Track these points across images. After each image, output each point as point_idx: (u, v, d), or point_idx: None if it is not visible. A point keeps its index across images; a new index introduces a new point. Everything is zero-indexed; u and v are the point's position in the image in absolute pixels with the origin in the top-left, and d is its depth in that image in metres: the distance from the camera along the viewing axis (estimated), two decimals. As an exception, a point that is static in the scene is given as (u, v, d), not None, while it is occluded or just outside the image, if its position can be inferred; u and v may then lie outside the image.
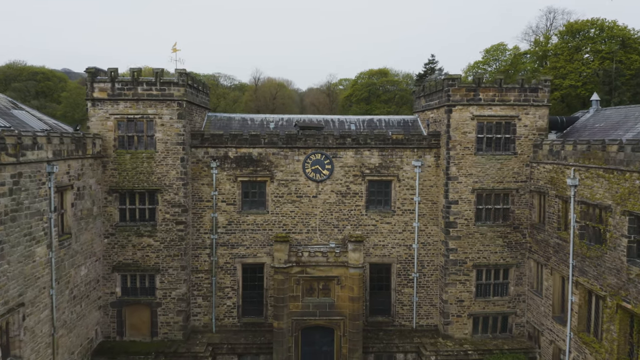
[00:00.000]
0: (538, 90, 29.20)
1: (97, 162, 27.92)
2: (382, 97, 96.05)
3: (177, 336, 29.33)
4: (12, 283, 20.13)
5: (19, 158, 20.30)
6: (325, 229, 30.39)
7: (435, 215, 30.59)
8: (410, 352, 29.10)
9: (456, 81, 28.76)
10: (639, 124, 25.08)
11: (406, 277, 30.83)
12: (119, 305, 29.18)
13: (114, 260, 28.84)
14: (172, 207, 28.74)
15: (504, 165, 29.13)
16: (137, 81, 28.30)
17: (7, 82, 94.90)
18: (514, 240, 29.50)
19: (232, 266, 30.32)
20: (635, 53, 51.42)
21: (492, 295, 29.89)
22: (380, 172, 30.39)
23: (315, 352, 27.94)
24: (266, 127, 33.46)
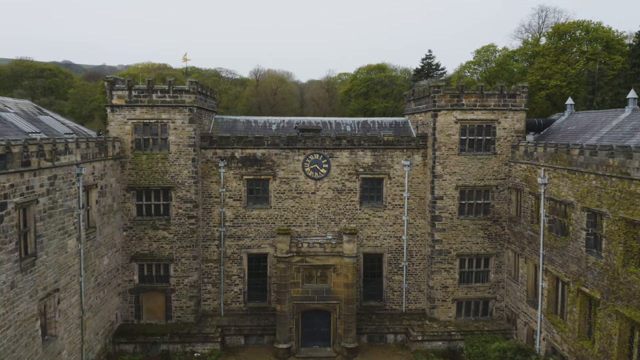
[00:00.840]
0: (516, 96, 32.02)
1: (116, 162, 30.91)
2: (380, 92, 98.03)
3: (189, 319, 32.49)
4: (50, 271, 23.22)
5: (54, 162, 23.30)
6: (323, 222, 33.43)
7: (422, 209, 33.61)
8: (399, 333, 32.28)
9: (441, 88, 31.62)
10: (604, 128, 27.98)
11: (396, 266, 33.94)
12: (136, 292, 32.31)
13: (132, 251, 31.93)
14: (184, 202, 31.76)
15: (485, 164, 32.08)
16: (152, 89, 31.18)
17: (16, 79, 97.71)
18: (493, 232, 32.54)
19: (239, 256, 33.42)
20: (618, 54, 54.11)
21: (474, 282, 32.98)
22: (372, 170, 33.36)
23: (314, 333, 31.08)
24: (269, 129, 36.37)
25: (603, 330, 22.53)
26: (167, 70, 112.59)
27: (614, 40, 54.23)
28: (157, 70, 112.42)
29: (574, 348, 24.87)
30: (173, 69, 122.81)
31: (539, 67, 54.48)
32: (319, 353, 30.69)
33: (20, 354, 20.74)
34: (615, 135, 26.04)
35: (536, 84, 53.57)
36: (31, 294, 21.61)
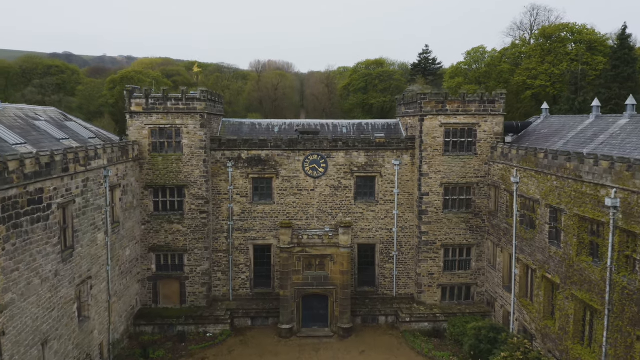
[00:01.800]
0: (495, 101, 35.39)
1: (135, 163, 34.44)
2: (378, 87, 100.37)
3: (202, 303, 36.23)
4: (84, 261, 26.87)
5: (86, 167, 26.86)
6: (321, 216, 37.02)
7: (411, 204, 37.17)
8: (390, 315, 36.03)
9: (427, 95, 35.03)
10: (570, 132, 31.42)
11: (387, 255, 37.58)
12: (154, 279, 36.02)
13: (150, 242, 35.57)
14: (197, 199, 35.34)
15: (467, 163, 35.58)
16: (167, 97, 34.59)
17: (26, 77, 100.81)
18: (475, 225, 36.12)
19: (245, 247, 37.07)
20: (600, 55, 57.30)
21: (457, 269, 36.65)
22: (366, 169, 36.87)
23: (313, 315, 34.81)
24: (271, 131, 39.82)
25: (562, 311, 26.18)
26: (172, 66, 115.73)
27: (597, 42, 57.34)
28: (161, 66, 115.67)
29: (539, 327, 28.56)
30: (176, 65, 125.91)
31: (525, 68, 57.71)
32: (317, 333, 34.44)
33: (62, 332, 24.45)
34: (578, 140, 29.50)
35: (522, 84, 56.86)
36: (70, 280, 25.27)
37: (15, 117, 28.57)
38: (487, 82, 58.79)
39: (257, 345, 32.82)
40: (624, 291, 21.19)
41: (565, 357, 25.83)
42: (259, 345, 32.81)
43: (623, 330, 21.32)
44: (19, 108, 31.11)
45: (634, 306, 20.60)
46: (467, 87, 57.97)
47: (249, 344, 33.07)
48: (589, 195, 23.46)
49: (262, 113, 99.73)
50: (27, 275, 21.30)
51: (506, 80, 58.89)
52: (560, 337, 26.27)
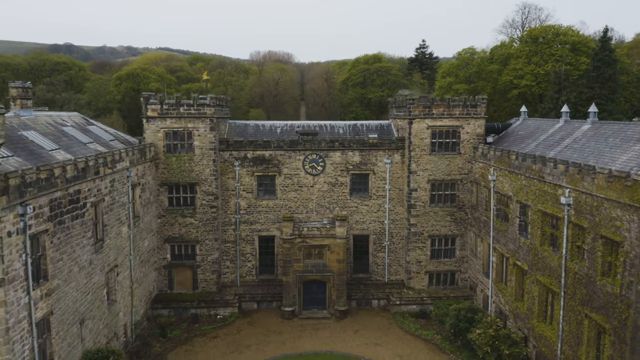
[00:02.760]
0: (477, 106, 38.93)
1: (152, 163, 38.14)
2: (376, 82, 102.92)
3: (212, 289, 40.14)
4: (111, 252, 30.70)
5: (113, 169, 30.58)
6: (320, 210, 40.78)
7: (401, 199, 40.89)
8: (382, 299, 39.95)
9: (415, 100, 38.57)
10: (542, 135, 35.03)
11: (380, 245, 41.41)
12: (169, 267, 39.90)
13: (165, 234, 39.39)
14: (207, 195, 39.09)
15: (451, 162, 39.24)
16: (179, 103, 38.18)
17: (34, 73, 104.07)
18: (458, 217, 39.89)
19: (251, 238, 40.89)
20: (584, 55, 60.58)
21: (443, 257, 40.49)
22: (360, 167, 40.55)
23: (313, 299, 38.70)
24: (274, 132, 43.42)
25: (529, 293, 30.03)
26: (175, 62, 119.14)
27: (580, 43, 60.60)
28: (165, 62, 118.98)
29: (512, 308, 32.45)
30: (179, 60, 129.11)
31: (512, 68, 61.06)
32: (316, 314, 38.37)
33: (95, 313, 28.36)
34: (548, 142, 33.13)
35: (510, 83, 60.25)
36: (101, 268, 29.13)
37: (46, 124, 32.24)
38: (477, 82, 62.10)
39: (263, 326, 36.78)
40: (575, 276, 25.01)
41: (531, 334, 29.74)
42: (264, 326, 36.78)
43: (575, 309, 25.17)
44: (48, 115, 34.75)
45: (583, 288, 24.42)
46: (457, 86, 61.34)
47: (256, 325, 37.03)
48: (549, 194, 27.19)
49: (263, 108, 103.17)
50: (68, 264, 25.13)
51: (494, 80, 62.21)
52: (528, 317, 30.16)
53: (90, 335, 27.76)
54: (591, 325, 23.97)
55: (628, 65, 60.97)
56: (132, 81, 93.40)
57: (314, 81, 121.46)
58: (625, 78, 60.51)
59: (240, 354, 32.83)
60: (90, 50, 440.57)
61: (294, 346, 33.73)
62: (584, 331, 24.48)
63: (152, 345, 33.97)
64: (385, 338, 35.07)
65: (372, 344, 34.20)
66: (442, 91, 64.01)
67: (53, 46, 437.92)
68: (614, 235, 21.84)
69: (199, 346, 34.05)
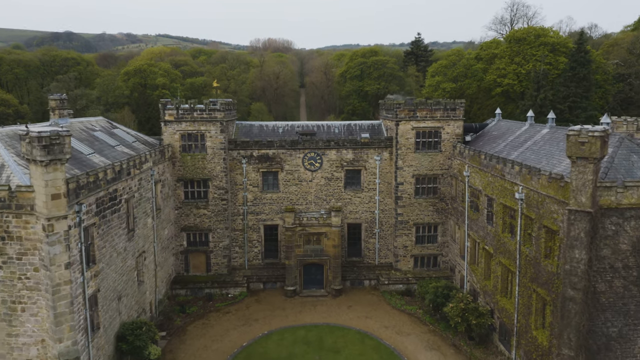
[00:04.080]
0: (456, 109, 43.98)
1: (170, 162, 43.37)
2: (373, 75, 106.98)
3: (223, 271, 45.65)
4: (140, 240, 36.09)
5: (140, 169, 35.83)
6: (318, 202, 46.09)
7: (389, 191, 46.18)
8: (372, 279, 45.47)
9: (401, 105, 43.62)
10: (510, 136, 40.16)
11: (371, 232, 46.83)
12: (185, 253, 45.35)
13: (182, 224, 44.77)
14: (218, 189, 44.37)
15: (434, 159, 44.42)
16: (193, 109, 43.25)
17: (45, 68, 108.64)
18: (440, 207, 45.21)
19: (257, 227, 46.28)
20: (562, 56, 65.34)
21: (427, 243, 45.90)
22: (353, 164, 45.76)
23: (312, 280, 44.20)
24: (276, 132, 48.51)
25: (494, 273, 35.47)
26: (179, 57, 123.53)
27: (559, 44, 65.30)
28: (169, 56, 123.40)
29: (481, 285, 37.93)
30: (184, 54, 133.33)
31: (496, 68, 65.88)
32: (315, 293, 43.94)
33: (128, 291, 33.82)
34: (514, 143, 38.29)
35: (493, 82, 65.11)
36: (132, 254, 34.55)
37: (80, 130, 37.44)
38: (463, 80, 66.91)
39: (268, 303, 42.36)
40: (526, 258, 30.41)
41: (496, 307, 35.24)
42: (270, 303, 42.35)
43: (526, 285, 30.61)
44: (80, 121, 39.92)
45: (532, 268, 29.82)
46: (445, 85, 66.21)
47: (262, 302, 42.61)
48: (508, 189, 32.47)
49: (264, 101, 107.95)
50: (109, 250, 30.53)
51: (480, 79, 67.03)
52: (494, 292, 35.64)
53: (125, 310, 33.28)
54: (538, 298, 29.40)
55: (604, 65, 65.71)
56: (140, 76, 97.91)
57: (314, 74, 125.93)
58: (601, 77, 65.31)
59: (250, 326, 38.43)
60: (90, 37, 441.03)
61: (295, 319, 39.34)
62: (532, 303, 29.94)
63: (173, 320, 39.62)
64: (374, 312, 40.64)
65: (363, 317, 39.78)
66: (431, 89, 68.87)
67: (53, 34, 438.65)
68: (552, 225, 27.16)
69: (214, 320, 39.67)
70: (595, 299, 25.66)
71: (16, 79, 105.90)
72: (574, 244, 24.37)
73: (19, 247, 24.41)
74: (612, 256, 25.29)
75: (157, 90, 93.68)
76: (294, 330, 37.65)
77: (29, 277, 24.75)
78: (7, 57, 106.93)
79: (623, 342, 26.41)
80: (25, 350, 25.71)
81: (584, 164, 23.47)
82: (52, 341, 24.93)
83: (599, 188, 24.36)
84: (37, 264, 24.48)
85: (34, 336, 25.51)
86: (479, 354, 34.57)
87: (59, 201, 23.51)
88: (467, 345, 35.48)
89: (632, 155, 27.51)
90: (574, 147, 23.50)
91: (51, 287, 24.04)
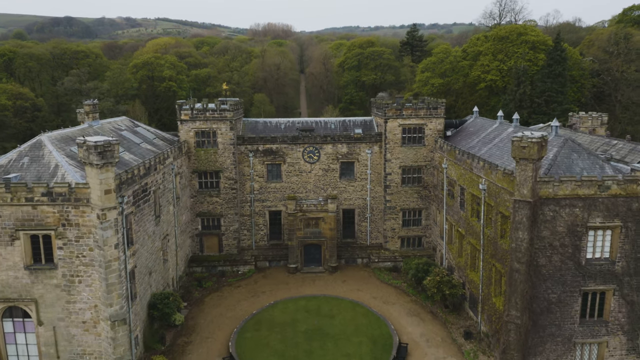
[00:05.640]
0: (438, 108, 49.83)
1: (186, 156, 49.44)
2: (370, 65, 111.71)
3: (234, 251, 52.05)
4: (164, 225, 42.39)
5: (164, 164, 41.95)
6: (316, 190, 52.25)
7: (379, 181, 52.31)
8: (364, 258, 51.92)
9: (389, 104, 49.47)
10: (483, 133, 46.11)
11: (363, 217, 53.11)
12: (200, 235, 51.71)
13: (197, 210, 51.05)
14: (228, 180, 50.52)
15: (418, 152, 50.45)
16: (206, 109, 49.14)
17: (56, 61, 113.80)
18: (423, 195, 51.41)
19: (263, 212, 52.56)
20: (542, 53, 70.77)
21: (412, 225, 52.19)
22: (347, 156, 51.81)
23: (311, 258, 50.62)
24: (279, 127, 54.43)
25: (465, 251, 41.79)
26: (183, 48, 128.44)
27: (539, 42, 70.70)
28: (174, 47, 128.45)
29: (456, 262, 44.31)
30: (187, 45, 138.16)
31: (481, 64, 71.40)
32: (314, 270, 50.40)
33: (156, 268, 40.22)
34: (485, 140, 44.27)
35: (478, 77, 70.70)
36: (159, 237, 40.87)
37: (110, 131, 43.47)
38: (451, 76, 72.47)
39: (274, 278, 48.85)
40: (488, 238, 36.69)
41: (466, 280, 41.62)
42: (275, 278, 48.85)
43: (488, 261, 36.93)
44: (108, 122, 45.91)
45: (492, 247, 36.11)
46: (433, 80, 71.80)
47: (268, 278, 49.11)
48: (475, 181, 38.60)
49: (266, 91, 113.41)
50: (142, 233, 36.82)
51: (465, 74, 72.58)
52: (464, 268, 42.02)
53: (154, 284, 39.73)
54: (496, 271, 35.75)
55: (580, 62, 71.22)
56: (147, 69, 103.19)
57: (313, 65, 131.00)
58: (578, 72, 70.87)
59: (258, 297, 44.96)
60: (90, 22, 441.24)
61: (297, 291, 45.86)
62: (492, 275, 36.30)
63: (192, 293, 46.16)
64: (365, 286, 47.13)
65: (355, 290, 46.28)
66: (421, 84, 74.50)
67: (53, 19, 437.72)
68: (505, 211, 33.36)
69: (227, 292, 46.22)
70: (537, 271, 31.98)
71: (29, 72, 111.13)
72: (518, 226, 30.61)
73: (77, 232, 30.70)
74: (550, 236, 31.53)
75: (165, 82, 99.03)
76: (295, 300, 44.15)
77: (84, 256, 31.09)
78: (20, 51, 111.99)
79: (562, 306, 32.82)
80: (81, 314, 32.19)
81: (525, 164, 29.56)
82: (104, 306, 31.37)
83: (539, 182, 30.48)
84: (91, 244, 30.78)
85: (88, 302, 31.96)
86: (452, 319, 41.09)
87: (110, 195, 29.72)
88: (443, 312, 42.00)
89: (573, 154, 33.57)
90: (517, 150, 29.56)
91: (104, 263, 30.40)
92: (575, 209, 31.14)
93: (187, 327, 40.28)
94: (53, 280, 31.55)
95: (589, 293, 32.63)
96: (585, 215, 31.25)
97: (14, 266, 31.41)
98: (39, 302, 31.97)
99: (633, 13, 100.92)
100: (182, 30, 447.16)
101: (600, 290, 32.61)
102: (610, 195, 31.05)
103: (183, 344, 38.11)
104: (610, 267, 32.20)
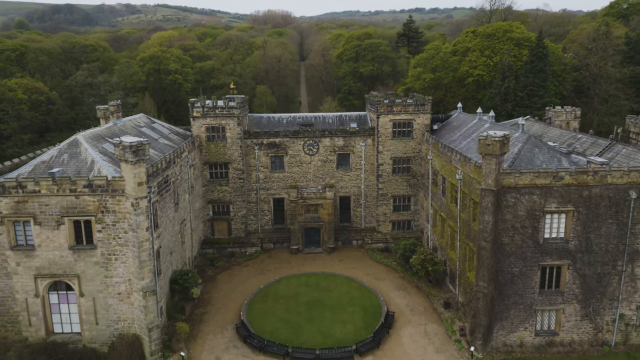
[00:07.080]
0: (425, 104, 55.22)
1: (198, 149, 55.04)
2: (367, 57, 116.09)
3: (242, 235, 57.93)
4: (182, 211, 48.17)
5: (181, 158, 47.59)
6: (315, 179, 57.92)
7: (372, 170, 57.93)
8: (359, 239, 57.82)
9: (381, 102, 54.86)
10: (464, 128, 51.57)
11: (358, 203, 58.86)
12: (211, 220, 57.55)
13: (208, 198, 56.80)
14: (236, 170, 56.18)
15: (407, 144, 55.99)
16: (215, 107, 54.60)
17: (66, 55, 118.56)
18: (412, 183, 57.08)
19: (268, 199, 58.32)
20: (526, 49, 75.75)
21: (402, 210, 57.96)
22: (343, 149, 57.36)
23: (311, 240, 56.47)
24: (281, 122, 59.89)
25: (446, 233, 47.58)
26: (187, 41, 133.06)
27: (523, 39, 75.66)
28: (178, 41, 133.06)
29: (439, 243, 50.15)
30: (191, 38, 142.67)
31: (469, 60, 76.46)
32: (314, 251, 56.32)
33: (176, 248, 46.08)
34: (465, 134, 49.77)
35: (466, 72, 75.82)
36: (178, 221, 46.67)
37: (131, 128, 49.04)
38: (441, 71, 77.55)
39: (278, 258, 54.81)
40: (463, 221, 42.44)
41: (447, 258, 47.48)
42: (279, 258, 54.80)
43: (463, 241, 42.73)
44: (129, 120, 51.44)
45: (466, 228, 41.88)
46: (425, 75, 76.89)
47: (273, 258, 55.07)
48: (453, 171, 44.24)
49: (267, 83, 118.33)
50: (165, 219, 42.60)
51: (454, 69, 77.69)
52: (445, 247, 47.86)
53: (175, 262, 45.63)
54: (469, 250, 41.55)
55: (561, 58, 76.26)
56: (154, 62, 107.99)
57: (312, 57, 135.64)
58: (559, 67, 75.96)
59: (264, 274, 50.93)
60: (89, 9, 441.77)
61: (299, 269, 51.82)
62: (467, 253, 42.12)
63: (206, 271, 52.14)
64: (359, 264, 53.08)
65: (350, 267, 52.23)
66: (413, 79, 79.64)
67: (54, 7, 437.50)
68: (476, 198, 39.04)
69: (237, 270, 52.19)
70: (502, 248, 37.76)
71: (40, 65, 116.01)
72: (484, 211, 36.32)
73: (113, 217, 36.45)
74: (513, 219, 37.24)
75: (171, 75, 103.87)
76: (297, 277, 50.11)
77: (120, 237, 36.87)
78: (32, 46, 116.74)
79: (523, 278, 38.63)
80: (117, 287, 38.08)
81: (489, 158, 35.15)
82: (137, 279, 37.26)
83: (502, 174, 36.10)
84: (126, 228, 36.55)
85: (123, 277, 37.82)
86: (434, 292, 47.05)
87: (142, 187, 35.42)
88: (427, 286, 47.95)
89: (535, 149, 39.15)
90: (482, 147, 35.12)
91: (137, 243, 36.22)
92: (533, 196, 36.78)
93: (203, 300, 46.30)
94: (93, 258, 37.37)
95: (547, 267, 38.39)
96: (542, 201, 36.90)
97: (60, 247, 37.20)
98: (80, 277, 37.82)
99: (620, 6, 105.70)
100: (182, 17, 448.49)
101: (557, 265, 38.37)
102: (564, 184, 36.66)
103: (200, 313, 44.14)
104: (565, 245, 37.91)
